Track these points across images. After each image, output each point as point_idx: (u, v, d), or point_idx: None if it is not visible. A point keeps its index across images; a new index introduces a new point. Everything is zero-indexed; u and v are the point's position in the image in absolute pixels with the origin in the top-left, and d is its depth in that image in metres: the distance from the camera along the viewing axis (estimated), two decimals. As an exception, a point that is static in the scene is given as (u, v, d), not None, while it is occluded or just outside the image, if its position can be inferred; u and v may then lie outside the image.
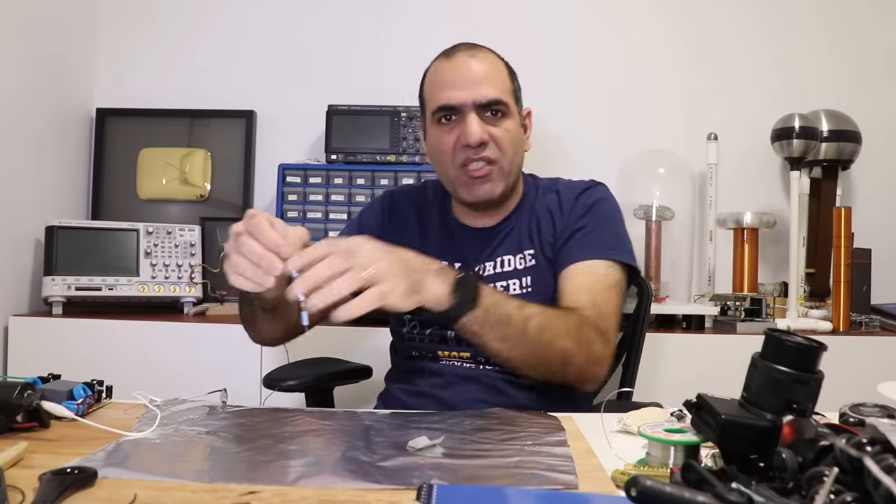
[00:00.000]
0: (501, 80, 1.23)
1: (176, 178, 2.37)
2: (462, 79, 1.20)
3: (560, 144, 2.35)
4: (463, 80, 1.20)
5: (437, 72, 1.24)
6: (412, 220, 1.34)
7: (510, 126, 1.23)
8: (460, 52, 1.23)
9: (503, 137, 1.21)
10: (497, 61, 1.26)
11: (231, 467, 0.75)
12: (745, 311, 2.09)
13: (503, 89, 1.22)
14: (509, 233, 1.28)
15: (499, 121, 1.21)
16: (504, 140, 1.21)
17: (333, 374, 1.51)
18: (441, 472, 0.73)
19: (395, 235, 1.32)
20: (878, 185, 2.40)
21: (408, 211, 1.36)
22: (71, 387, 0.92)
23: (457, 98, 1.19)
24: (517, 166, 1.26)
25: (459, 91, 1.19)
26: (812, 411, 0.66)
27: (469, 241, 1.29)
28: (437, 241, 1.30)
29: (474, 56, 1.22)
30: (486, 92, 1.19)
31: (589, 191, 1.29)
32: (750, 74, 2.41)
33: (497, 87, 1.21)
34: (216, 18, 2.46)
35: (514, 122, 1.24)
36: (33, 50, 2.13)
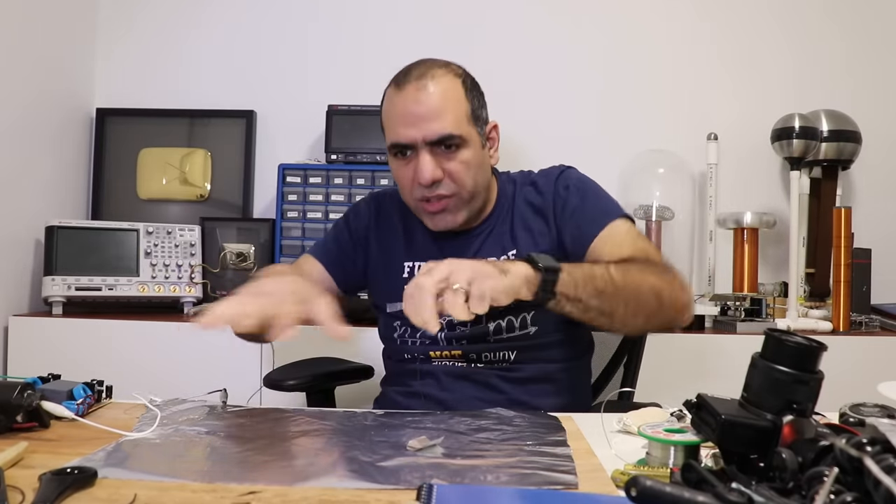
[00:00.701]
0: (454, 110, 1.17)
1: (176, 178, 2.37)
2: (412, 115, 1.16)
3: (560, 144, 2.35)
4: (413, 116, 1.16)
5: (389, 102, 1.21)
6: (397, 222, 1.33)
7: (466, 156, 1.18)
8: (409, 83, 1.17)
9: (459, 171, 1.18)
10: (449, 86, 1.18)
11: (231, 467, 0.75)
12: (745, 311, 2.09)
13: (457, 118, 1.17)
14: (490, 233, 1.27)
15: (453, 154, 1.17)
16: (460, 173, 1.18)
17: (334, 373, 1.51)
18: (441, 472, 0.73)
19: (382, 237, 1.34)
20: (878, 185, 2.40)
21: (393, 213, 1.34)
22: (71, 387, 0.92)
23: (407, 136, 1.16)
24: (481, 188, 1.23)
25: (409, 128, 1.16)
26: (812, 411, 0.66)
27: (450, 245, 1.27)
28: (420, 243, 1.30)
29: (423, 88, 1.16)
30: (436, 128, 1.15)
31: (564, 174, 1.28)
32: (750, 74, 2.41)
33: (448, 120, 1.16)
34: (216, 18, 2.45)
35: (471, 150, 1.19)
36: (33, 50, 2.13)
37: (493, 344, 1.22)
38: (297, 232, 2.16)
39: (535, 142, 2.29)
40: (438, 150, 1.17)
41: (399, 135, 1.17)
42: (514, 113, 2.32)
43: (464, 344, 1.23)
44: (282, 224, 2.16)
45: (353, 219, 1.37)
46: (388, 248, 1.32)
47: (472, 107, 1.21)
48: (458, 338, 1.23)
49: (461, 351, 1.23)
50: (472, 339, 1.22)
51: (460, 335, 1.23)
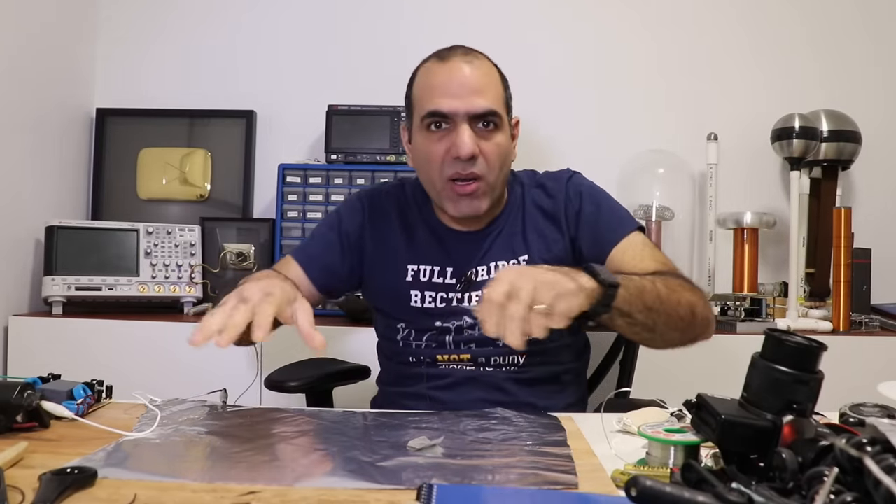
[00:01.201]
0: (496, 90, 1.18)
1: (176, 178, 2.37)
2: (456, 85, 1.14)
3: (560, 144, 2.35)
4: (457, 86, 1.14)
5: (429, 74, 1.18)
6: (395, 220, 1.29)
7: (501, 140, 1.18)
8: (456, 56, 1.16)
9: (493, 152, 1.16)
10: (492, 69, 1.20)
11: (231, 467, 0.75)
12: (745, 311, 2.09)
13: (497, 100, 1.17)
14: (499, 234, 1.25)
15: (490, 133, 1.16)
16: (493, 155, 1.16)
17: (332, 374, 1.51)
18: (441, 472, 0.73)
19: (378, 236, 1.29)
20: (878, 185, 2.40)
21: (389, 210, 1.30)
22: (71, 387, 0.92)
23: (450, 106, 1.13)
24: (503, 179, 1.22)
25: (453, 99, 1.13)
26: (812, 411, 0.66)
27: (457, 245, 1.25)
28: (423, 244, 1.26)
29: (471, 62, 1.16)
30: (482, 102, 1.14)
31: (574, 179, 1.28)
32: (750, 74, 2.41)
33: (492, 98, 1.16)
34: (216, 18, 2.45)
35: (504, 134, 1.19)
36: (33, 50, 2.13)
37: (502, 348, 1.19)
38: (297, 232, 2.16)
39: (536, 142, 2.29)
40: (477, 126, 1.15)
41: (440, 104, 1.14)
42: (513, 113, 2.32)
43: (472, 347, 1.21)
44: (282, 224, 2.16)
45: (346, 219, 1.32)
46: (386, 249, 1.29)
47: (507, 95, 1.22)
48: (467, 341, 1.21)
49: (469, 355, 1.21)
50: (481, 342, 1.20)
51: (468, 338, 1.21)
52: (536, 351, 1.19)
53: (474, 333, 1.20)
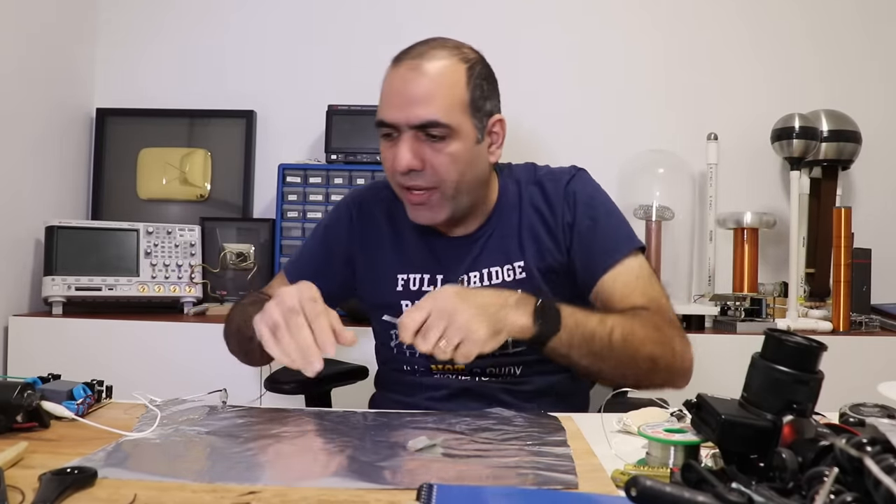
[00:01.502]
0: (446, 97, 1.09)
1: (176, 178, 2.37)
2: (399, 96, 1.09)
3: (560, 144, 2.35)
4: (400, 97, 1.09)
5: (386, 79, 1.14)
6: (384, 225, 1.25)
7: (455, 149, 1.10)
8: (405, 62, 1.11)
9: (442, 163, 1.10)
10: (447, 70, 1.10)
11: (231, 467, 0.75)
12: (745, 311, 2.09)
13: (448, 106, 1.08)
14: (490, 237, 1.21)
15: (440, 144, 1.09)
16: (443, 166, 1.10)
17: (331, 375, 1.51)
18: (441, 472, 0.73)
19: (368, 245, 1.26)
20: (878, 185, 2.40)
21: (379, 218, 1.26)
22: (71, 387, 0.92)
23: (391, 117, 1.10)
24: (470, 185, 1.15)
25: (394, 110, 1.09)
26: (812, 411, 0.66)
27: (447, 251, 1.21)
28: (412, 250, 1.23)
29: (417, 68, 1.09)
30: (421, 113, 1.07)
31: (574, 181, 1.21)
32: (750, 74, 2.41)
33: (436, 107, 1.07)
34: (216, 18, 2.45)
35: (461, 142, 1.10)
36: (33, 50, 2.13)
37: (498, 358, 1.16)
38: (297, 232, 2.16)
39: (535, 141, 2.29)
40: (422, 137, 1.09)
41: (384, 114, 1.11)
42: (513, 113, 2.32)
43: None
44: (282, 224, 2.16)
45: (334, 227, 1.29)
46: (376, 260, 1.25)
47: (473, 96, 1.12)
48: None
49: (464, 365, 1.18)
50: None
51: None
52: (532, 361, 1.18)
53: None
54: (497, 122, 1.18)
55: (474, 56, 1.16)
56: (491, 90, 1.17)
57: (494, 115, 1.17)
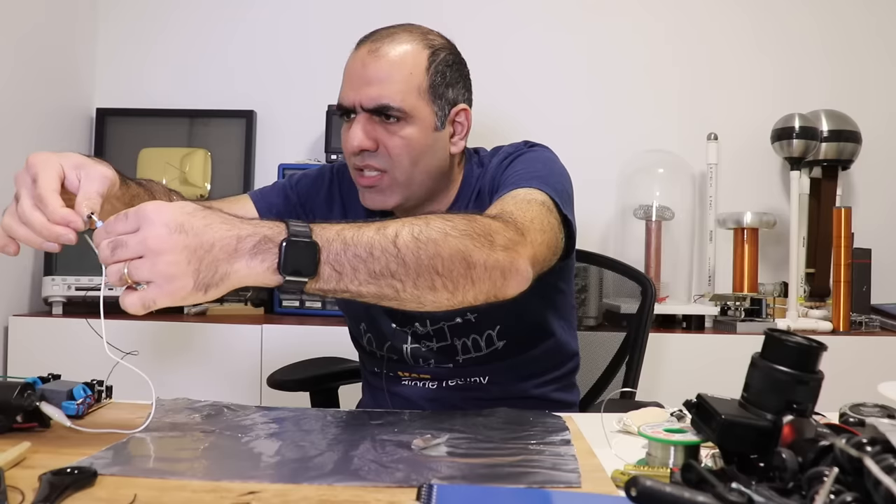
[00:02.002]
0: (403, 81, 1.06)
1: (176, 178, 2.37)
2: (354, 77, 1.08)
3: (560, 144, 2.34)
4: (356, 78, 1.08)
5: (346, 63, 1.12)
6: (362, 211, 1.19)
7: (410, 133, 1.07)
8: (364, 46, 1.10)
9: (396, 146, 1.07)
10: (408, 55, 1.08)
11: (231, 466, 0.75)
12: (745, 311, 2.09)
13: (402, 91, 1.06)
14: None
15: (395, 126, 1.07)
16: (397, 149, 1.07)
17: (336, 373, 1.51)
18: (443, 470, 0.73)
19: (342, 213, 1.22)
20: (878, 185, 2.40)
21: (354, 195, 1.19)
22: (71, 387, 0.92)
23: (346, 98, 1.09)
24: (425, 174, 1.10)
25: (349, 91, 1.08)
26: (812, 411, 0.66)
27: None
28: None
29: (374, 51, 1.08)
30: (374, 94, 1.05)
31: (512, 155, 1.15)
32: (750, 74, 2.41)
33: (391, 90, 1.05)
34: (216, 18, 2.45)
35: (417, 127, 1.07)
36: (33, 50, 2.13)
37: (462, 367, 1.15)
38: (297, 232, 2.16)
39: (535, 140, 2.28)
40: (377, 119, 1.07)
41: (342, 96, 1.10)
42: (513, 111, 2.32)
43: (431, 365, 1.17)
44: (282, 224, 2.16)
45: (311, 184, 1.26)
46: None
47: (433, 82, 1.09)
48: (425, 357, 1.16)
49: (430, 375, 1.17)
50: (440, 359, 1.16)
51: (427, 354, 1.16)
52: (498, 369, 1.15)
53: (432, 345, 1.15)
54: (461, 111, 1.14)
55: (441, 42, 1.14)
56: (456, 78, 1.13)
57: (459, 104, 1.13)
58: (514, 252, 0.86)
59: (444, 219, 0.84)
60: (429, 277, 0.80)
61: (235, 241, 0.74)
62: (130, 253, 0.73)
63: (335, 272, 0.77)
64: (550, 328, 1.20)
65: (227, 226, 0.75)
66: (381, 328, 1.19)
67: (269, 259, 0.75)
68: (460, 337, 1.14)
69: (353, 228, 0.79)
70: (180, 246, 0.72)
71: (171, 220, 0.72)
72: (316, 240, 0.76)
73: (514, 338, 1.15)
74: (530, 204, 0.97)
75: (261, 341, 1.91)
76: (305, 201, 1.24)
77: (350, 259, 0.77)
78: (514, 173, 1.07)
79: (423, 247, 0.80)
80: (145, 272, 0.73)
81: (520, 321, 1.14)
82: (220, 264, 0.74)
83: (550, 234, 0.96)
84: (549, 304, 1.19)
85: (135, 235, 0.72)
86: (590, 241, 2.28)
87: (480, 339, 1.14)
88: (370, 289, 0.79)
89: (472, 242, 0.82)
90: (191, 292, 0.74)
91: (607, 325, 2.01)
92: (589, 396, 1.45)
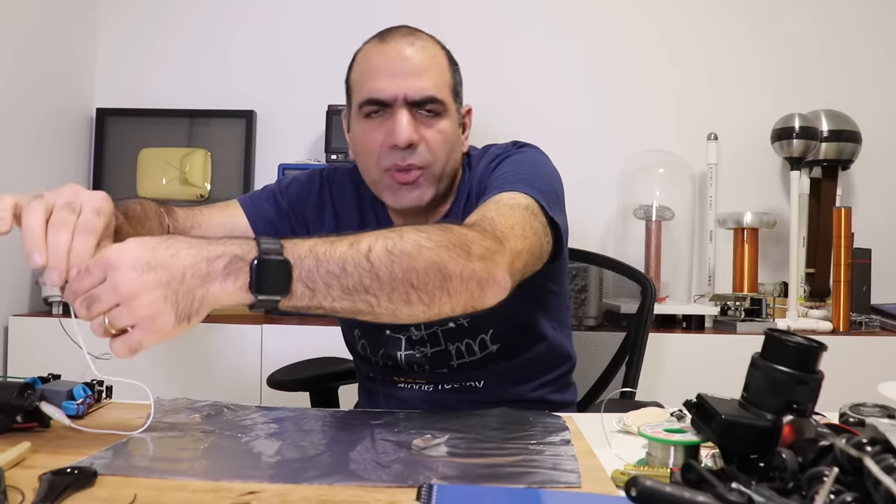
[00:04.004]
0: (440, 74, 1.07)
1: (176, 178, 2.37)
2: (395, 68, 1.04)
3: (560, 145, 2.33)
4: (396, 69, 1.04)
5: (368, 56, 1.08)
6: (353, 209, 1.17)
7: (445, 127, 1.07)
8: (396, 37, 1.07)
9: (436, 140, 1.06)
10: (438, 51, 1.10)
11: (232, 466, 0.75)
12: (745, 311, 2.09)
13: (441, 84, 1.07)
14: None
15: (433, 120, 1.06)
16: (437, 143, 1.06)
17: (336, 373, 1.51)
18: (444, 470, 0.73)
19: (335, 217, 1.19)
20: (878, 185, 2.40)
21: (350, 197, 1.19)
22: (71, 387, 0.92)
23: (387, 91, 1.04)
24: (451, 169, 1.11)
25: (391, 83, 1.04)
26: (812, 411, 0.66)
27: None
28: None
29: (412, 43, 1.06)
30: (422, 86, 1.04)
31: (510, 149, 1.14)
32: (750, 74, 2.41)
33: (434, 82, 1.05)
34: (216, 18, 2.46)
35: (450, 122, 1.08)
36: (33, 50, 2.13)
37: (457, 372, 1.14)
38: (297, 232, 2.16)
39: (535, 142, 2.28)
40: (417, 113, 1.05)
41: (378, 89, 1.05)
42: (513, 112, 2.32)
43: (426, 370, 1.15)
44: (282, 224, 2.16)
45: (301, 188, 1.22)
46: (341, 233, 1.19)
47: (455, 80, 1.11)
48: (420, 363, 1.15)
49: (425, 379, 1.16)
50: (435, 364, 1.15)
51: (421, 360, 1.15)
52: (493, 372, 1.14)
53: (427, 351, 1.14)
54: (467, 112, 1.17)
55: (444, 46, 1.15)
56: (461, 80, 1.15)
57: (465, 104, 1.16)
58: (490, 262, 0.83)
59: (418, 230, 0.82)
60: (403, 291, 0.79)
61: (206, 263, 0.73)
62: (106, 304, 0.71)
63: (308, 289, 0.75)
64: (543, 329, 1.19)
65: (195, 250, 0.73)
66: (375, 335, 1.17)
67: (241, 278, 0.73)
68: (454, 342, 1.13)
69: (325, 244, 0.77)
70: (152, 283, 0.70)
71: (136, 261, 0.71)
72: (287, 257, 0.74)
73: (507, 341, 1.14)
74: (513, 209, 0.95)
75: (261, 341, 1.91)
76: (297, 208, 1.21)
77: (323, 275, 0.76)
78: (500, 176, 1.06)
79: (396, 260, 0.78)
80: (125, 318, 0.71)
81: (512, 324, 1.14)
82: (195, 290, 0.72)
83: (533, 240, 0.94)
84: (541, 305, 1.18)
85: (104, 286, 0.71)
86: (590, 241, 2.28)
87: (474, 344, 1.13)
88: (344, 304, 0.78)
89: (447, 254, 0.80)
90: (174, 326, 0.73)
91: (607, 325, 2.01)
92: (589, 396, 1.45)
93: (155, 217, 1.08)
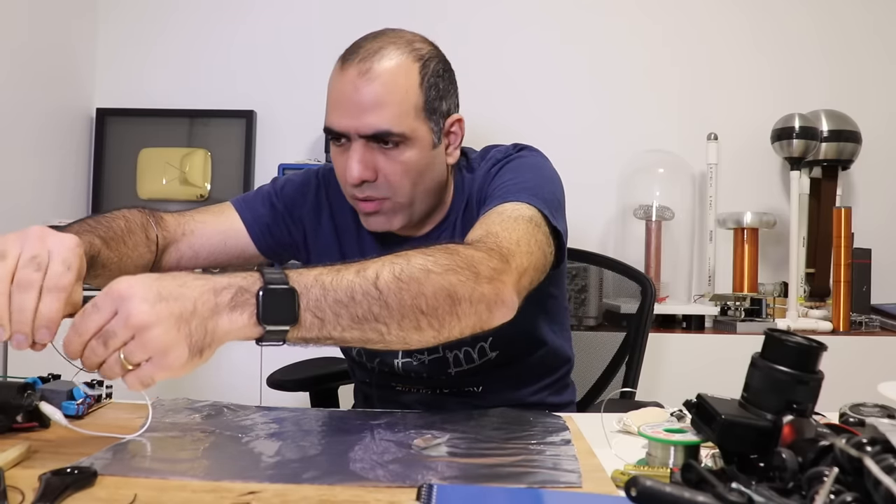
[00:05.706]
0: (398, 104, 1.00)
1: (176, 178, 2.37)
2: (347, 103, 1.01)
3: (560, 145, 2.34)
4: (348, 104, 1.01)
5: (331, 82, 1.06)
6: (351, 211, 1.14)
7: (409, 156, 1.02)
8: (354, 62, 1.01)
9: (395, 172, 1.02)
10: (399, 72, 1.01)
11: (232, 466, 0.75)
12: (745, 311, 2.09)
13: (400, 114, 1.00)
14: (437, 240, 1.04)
15: (393, 151, 1.02)
16: (396, 175, 1.02)
17: (336, 373, 1.51)
18: (444, 470, 0.73)
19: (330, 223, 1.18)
20: (878, 185, 2.40)
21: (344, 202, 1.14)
22: (71, 387, 0.92)
23: (340, 125, 1.02)
24: (425, 193, 1.07)
25: (343, 117, 1.02)
26: (812, 411, 0.66)
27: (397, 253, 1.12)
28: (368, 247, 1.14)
29: (365, 73, 1.00)
30: (372, 122, 0.99)
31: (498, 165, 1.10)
32: (750, 74, 2.41)
33: (389, 115, 1.00)
34: (216, 18, 2.46)
35: (415, 149, 1.03)
36: (33, 50, 2.13)
37: (455, 378, 1.13)
38: (297, 232, 2.16)
39: (535, 142, 2.28)
40: (374, 145, 1.02)
41: (333, 122, 1.03)
42: (513, 113, 2.32)
43: (424, 378, 1.14)
44: (282, 224, 2.16)
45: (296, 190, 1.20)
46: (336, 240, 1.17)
47: (427, 97, 1.03)
48: (417, 371, 1.13)
49: (422, 385, 1.15)
50: (432, 371, 1.13)
51: (419, 368, 1.13)
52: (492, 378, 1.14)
53: (424, 358, 1.12)
54: (455, 122, 1.10)
55: (428, 50, 1.07)
56: (447, 88, 1.07)
57: (452, 114, 1.09)
58: (498, 282, 0.83)
59: (424, 254, 0.80)
60: (413, 318, 0.77)
61: (213, 294, 0.71)
62: (122, 338, 0.68)
63: (317, 319, 0.73)
64: (543, 334, 1.18)
65: (201, 281, 0.72)
66: None
67: (248, 310, 0.72)
68: (452, 349, 1.12)
69: (331, 273, 0.76)
70: (165, 314, 0.68)
71: (147, 292, 0.68)
72: (293, 286, 0.73)
73: (506, 347, 1.12)
74: (517, 221, 0.94)
75: (261, 341, 1.90)
76: (292, 210, 1.19)
77: (331, 304, 0.74)
78: (502, 185, 1.04)
79: (405, 287, 0.76)
80: (140, 352, 0.68)
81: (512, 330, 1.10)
82: (206, 322, 0.70)
83: (538, 255, 0.94)
84: (541, 310, 1.17)
85: (118, 319, 0.68)
86: (590, 241, 2.29)
87: (473, 351, 1.12)
88: (354, 334, 0.76)
89: (455, 277, 0.79)
90: (188, 361, 0.69)
91: (607, 325, 2.01)
92: (589, 396, 1.45)
93: (140, 230, 1.05)
